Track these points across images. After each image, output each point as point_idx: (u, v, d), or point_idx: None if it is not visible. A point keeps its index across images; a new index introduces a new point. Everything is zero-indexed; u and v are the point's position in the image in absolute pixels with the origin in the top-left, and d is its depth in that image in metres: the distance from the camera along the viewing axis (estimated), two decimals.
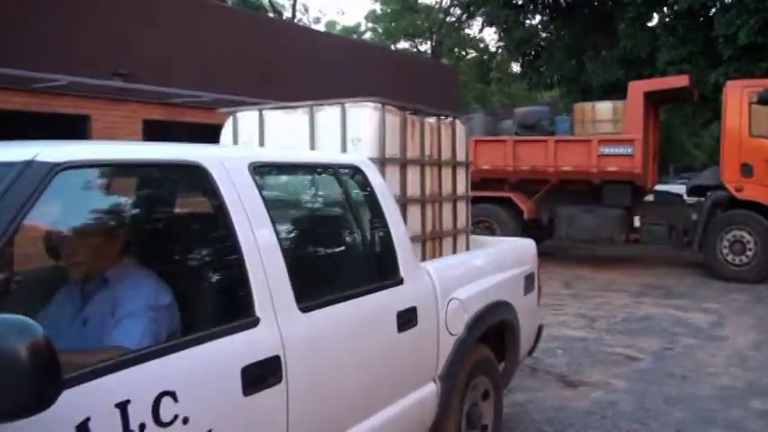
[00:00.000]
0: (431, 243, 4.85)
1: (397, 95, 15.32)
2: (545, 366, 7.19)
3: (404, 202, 4.46)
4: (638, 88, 13.17)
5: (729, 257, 12.51)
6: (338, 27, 48.55)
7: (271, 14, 38.88)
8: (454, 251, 5.17)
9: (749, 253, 12.37)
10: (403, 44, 44.41)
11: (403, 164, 4.55)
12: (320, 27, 47.03)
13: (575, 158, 13.48)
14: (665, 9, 20.44)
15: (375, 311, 3.45)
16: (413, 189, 4.65)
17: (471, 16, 29.06)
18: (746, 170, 12.32)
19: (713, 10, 18.83)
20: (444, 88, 21.47)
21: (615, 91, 17.38)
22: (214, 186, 2.74)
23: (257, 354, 2.64)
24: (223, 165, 2.83)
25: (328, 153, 4.26)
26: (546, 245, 16.08)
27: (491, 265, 4.81)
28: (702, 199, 13.17)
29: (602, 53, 21.01)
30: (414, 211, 4.63)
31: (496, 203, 14.37)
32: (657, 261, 14.91)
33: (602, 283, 12.28)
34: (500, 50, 27.99)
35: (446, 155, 5.15)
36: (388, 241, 3.72)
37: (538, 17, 24.90)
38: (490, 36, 47.96)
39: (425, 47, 44.02)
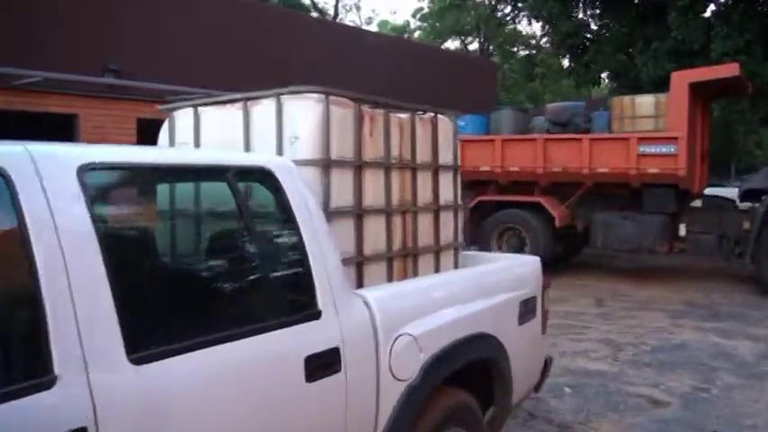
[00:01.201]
0: (400, 262, 4.02)
1: (432, 92, 14.18)
2: (546, 411, 5.95)
3: (358, 213, 3.74)
4: (682, 79, 11.70)
5: None
6: (389, 27, 47.50)
7: (314, 14, 38.10)
8: (436, 271, 4.33)
9: None
10: (452, 43, 43.17)
11: (358, 167, 3.72)
12: (373, 27, 46.13)
13: (611, 159, 12.10)
14: None
15: (263, 357, 2.63)
16: (373, 197, 3.84)
17: (518, 10, 27.70)
18: None
19: None
20: (483, 84, 20.19)
21: (667, 85, 15.88)
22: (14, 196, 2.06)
23: None
24: (35, 167, 2.14)
25: (224, 153, 3.39)
26: (583, 254, 14.76)
27: (470, 290, 3.91)
28: (757, 204, 11.65)
29: (653, 45, 19.43)
30: (374, 224, 3.82)
31: (526, 209, 13.08)
32: (706, 274, 13.39)
33: (640, 301, 10.87)
34: (545, 45, 26.63)
35: (424, 156, 4.29)
36: (300, 264, 2.94)
37: (584, 9, 23.40)
38: (535, 31, 46.81)
39: (474, 45, 42.69)
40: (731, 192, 17.81)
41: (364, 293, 3.22)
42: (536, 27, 44.17)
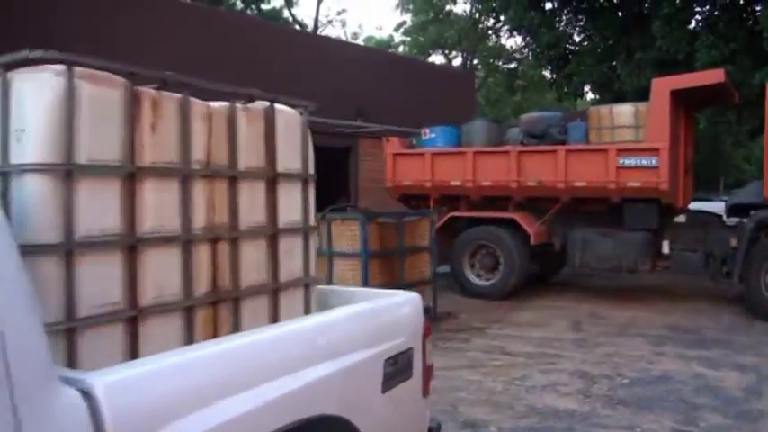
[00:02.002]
0: (207, 312, 2.95)
1: (406, 103, 13.26)
2: None
3: (130, 244, 2.62)
4: (663, 86, 10.92)
5: None
6: (373, 41, 46.78)
7: (298, 27, 37.41)
8: (274, 319, 3.24)
9: None
10: (435, 57, 42.48)
11: (129, 175, 2.64)
12: (359, 43, 45.39)
13: (589, 172, 11.31)
14: (703, 4, 18.12)
15: None
16: (157, 219, 2.74)
17: (499, 22, 27.03)
18: None
19: (758, 3, 16.47)
20: (462, 96, 19.41)
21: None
22: None
23: None
24: None
25: None
26: (561, 273, 13.96)
27: (303, 351, 2.71)
28: (745, 220, 10.85)
29: (636, 56, 18.74)
30: (160, 258, 2.75)
31: (499, 225, 12.27)
32: (691, 294, 12.55)
33: (619, 325, 10.03)
34: (526, 56, 25.92)
35: (251, 161, 3.22)
36: None
37: (566, 20, 22.72)
38: (518, 43, 46.26)
39: (458, 59, 42.02)
40: (719, 206, 17.11)
41: (87, 380, 1.93)
42: (518, 39, 43.59)
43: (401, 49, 44.95)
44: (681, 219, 11.82)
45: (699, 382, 7.09)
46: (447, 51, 42.73)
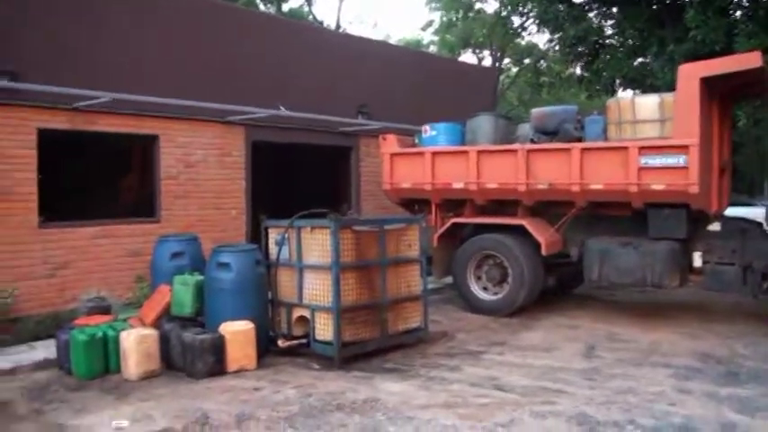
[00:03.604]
0: None
1: (416, 101, 11.86)
2: None
3: None
4: (691, 73, 9.44)
5: None
6: (403, 42, 45.44)
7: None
8: None
9: None
10: (464, 56, 41.01)
11: None
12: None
13: (607, 173, 9.89)
14: None
15: None
16: None
17: (525, 17, 25.54)
18: None
19: None
20: (479, 92, 17.97)
21: None
22: None
23: None
24: None
25: None
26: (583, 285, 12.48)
27: None
28: None
29: (669, 48, 17.19)
30: None
31: (507, 233, 10.86)
32: (726, 314, 10.98)
33: (640, 350, 8.60)
34: (551, 51, 24.43)
35: None
36: None
37: (594, 12, 21.22)
38: (544, 38, 44.39)
39: (488, 59, 40.52)
40: (760, 212, 15.44)
41: None
42: (545, 35, 41.91)
43: (431, 49, 43.60)
44: (715, 227, 10.24)
45: None
46: (477, 50, 41.31)
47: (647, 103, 9.85)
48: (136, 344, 7.69)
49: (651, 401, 6.54)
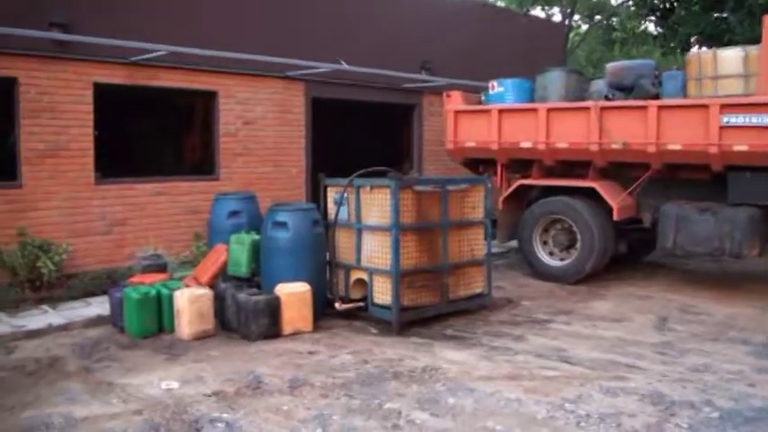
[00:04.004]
0: None
1: (481, 56, 11.17)
2: None
3: None
4: None
5: None
6: None
7: None
8: None
9: None
10: (535, 12, 39.80)
11: None
12: None
13: (686, 132, 9.24)
14: None
15: None
16: None
17: None
18: None
19: None
20: (546, 47, 17.21)
21: None
22: None
23: None
24: None
25: None
26: (651, 254, 11.93)
27: None
28: None
29: (748, 1, 16.22)
30: None
31: (577, 196, 10.35)
32: None
33: (716, 324, 8.07)
34: (624, 7, 23.45)
35: None
36: None
37: None
38: None
39: (558, 16, 39.27)
40: None
41: None
42: None
43: (499, 3, 42.46)
44: None
45: None
46: (546, 6, 40.04)
47: (730, 57, 9.17)
48: (189, 303, 7.50)
49: (729, 381, 6.05)
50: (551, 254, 10.69)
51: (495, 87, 11.29)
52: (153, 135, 12.65)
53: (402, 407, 5.44)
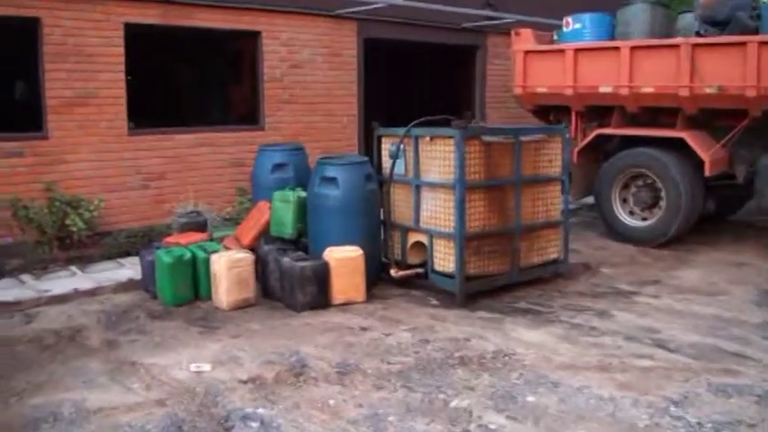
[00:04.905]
0: None
1: None
2: None
3: None
4: None
5: None
6: None
7: None
8: None
9: None
10: None
11: None
12: None
13: None
14: None
15: None
16: None
17: None
18: None
19: None
20: None
21: None
22: None
23: None
24: None
25: None
26: (744, 211, 10.71)
27: None
28: None
29: None
30: None
31: (663, 148, 9.18)
32: None
33: None
34: None
35: None
36: None
37: None
38: None
39: None
40: None
41: None
42: None
43: None
44: None
45: None
46: None
47: None
48: (227, 269, 6.66)
49: None
50: (631, 213, 9.57)
51: (571, 24, 10.06)
52: (191, 81, 11.81)
53: (472, 405, 4.51)
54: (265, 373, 5.10)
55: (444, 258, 6.83)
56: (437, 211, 6.86)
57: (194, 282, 6.94)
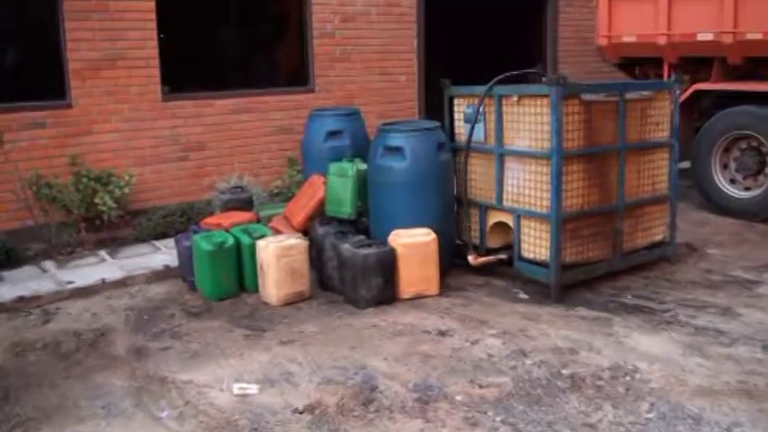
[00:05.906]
0: None
1: None
2: None
3: None
4: None
5: None
6: None
7: None
8: None
9: None
10: None
11: None
12: None
13: None
14: None
15: None
16: None
17: None
18: None
19: None
20: None
21: None
22: None
23: None
24: None
25: None
26: None
27: None
28: None
29: None
30: None
31: None
32: None
33: None
34: None
35: None
36: None
37: None
38: None
39: None
40: None
41: None
42: None
43: None
44: None
45: None
46: None
47: None
48: (276, 257, 5.65)
49: None
50: (732, 181, 8.32)
51: None
52: (231, 39, 10.72)
53: None
54: (326, 397, 4.08)
55: (535, 243, 5.70)
56: (526, 186, 5.72)
57: (239, 272, 5.95)
